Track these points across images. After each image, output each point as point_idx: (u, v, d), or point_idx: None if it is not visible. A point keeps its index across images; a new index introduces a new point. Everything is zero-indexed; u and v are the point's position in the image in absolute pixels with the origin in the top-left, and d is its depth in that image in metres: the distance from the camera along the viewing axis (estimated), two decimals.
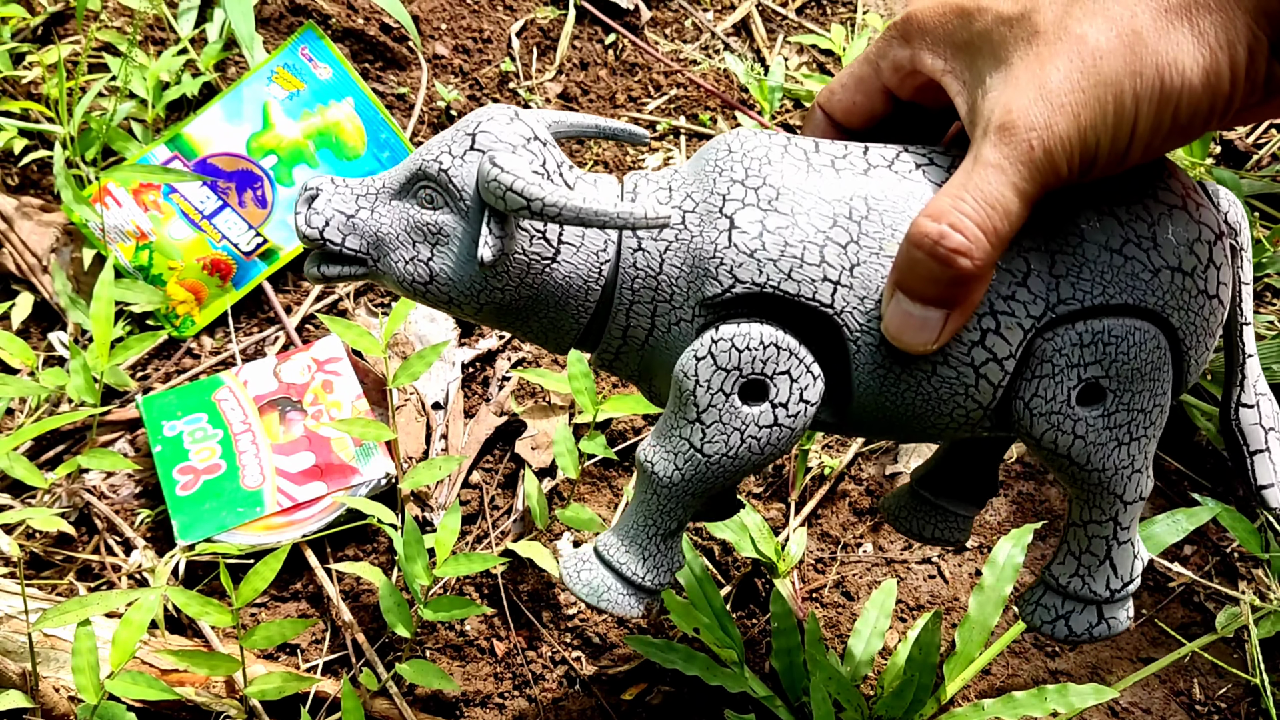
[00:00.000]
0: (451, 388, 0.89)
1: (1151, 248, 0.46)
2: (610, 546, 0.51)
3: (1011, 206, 0.43)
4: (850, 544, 0.84)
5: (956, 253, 0.42)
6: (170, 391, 0.86)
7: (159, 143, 0.95)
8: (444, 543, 0.72)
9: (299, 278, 0.96)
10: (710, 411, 0.47)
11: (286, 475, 0.82)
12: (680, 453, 0.48)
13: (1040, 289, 0.46)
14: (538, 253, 0.47)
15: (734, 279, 0.46)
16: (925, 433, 0.50)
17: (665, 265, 0.48)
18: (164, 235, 0.92)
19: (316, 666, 0.77)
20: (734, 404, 0.47)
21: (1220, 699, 0.76)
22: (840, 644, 0.79)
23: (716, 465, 0.48)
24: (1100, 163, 0.43)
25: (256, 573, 0.68)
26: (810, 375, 0.47)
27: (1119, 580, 0.51)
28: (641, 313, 0.49)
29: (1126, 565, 0.51)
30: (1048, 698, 0.70)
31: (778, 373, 0.47)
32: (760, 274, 0.46)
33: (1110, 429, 0.48)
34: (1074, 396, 0.47)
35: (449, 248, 0.47)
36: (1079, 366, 0.46)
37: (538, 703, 0.77)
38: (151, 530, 0.82)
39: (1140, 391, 0.48)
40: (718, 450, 0.47)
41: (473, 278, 0.47)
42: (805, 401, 0.47)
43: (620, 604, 0.51)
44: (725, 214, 0.47)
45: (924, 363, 0.47)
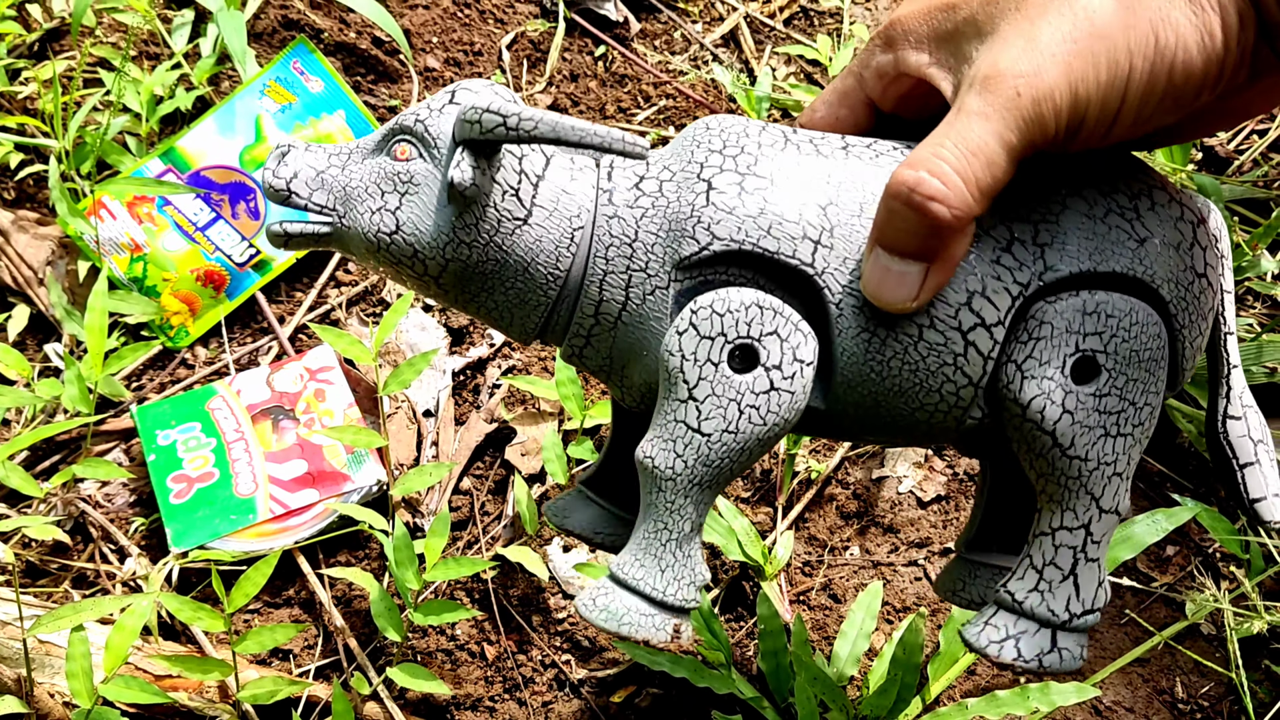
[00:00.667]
0: (442, 395, 0.90)
1: (1135, 218, 0.45)
2: (624, 565, 0.46)
3: (995, 156, 0.41)
4: (837, 547, 0.85)
5: (932, 199, 0.40)
6: (164, 401, 0.87)
7: (153, 156, 0.96)
8: (434, 548, 0.73)
9: (292, 288, 0.97)
10: (702, 386, 0.44)
11: (279, 483, 0.83)
12: (678, 438, 0.45)
13: (1026, 256, 0.45)
14: (509, 210, 0.46)
15: (711, 236, 0.45)
16: (914, 419, 0.47)
17: (641, 232, 0.46)
18: (158, 247, 0.93)
19: (308, 671, 0.78)
20: (725, 373, 0.44)
21: (1202, 697, 0.77)
22: (827, 645, 0.80)
23: (719, 444, 0.44)
24: (1089, 124, 0.41)
25: (248, 578, 0.69)
26: (800, 333, 0.45)
27: (1080, 604, 0.46)
28: (615, 284, 0.46)
29: (1091, 588, 0.46)
30: (1030, 696, 0.71)
31: (765, 334, 0.44)
32: (739, 231, 0.45)
33: (1100, 413, 0.45)
34: (1069, 366, 0.45)
35: (418, 196, 0.45)
36: (1078, 335, 0.45)
37: (528, 706, 0.77)
38: (145, 538, 0.83)
39: (1135, 380, 0.46)
40: (716, 426, 0.44)
41: (440, 229, 0.45)
42: (799, 360, 0.45)
43: (644, 626, 0.46)
44: (703, 179, 0.45)
45: (909, 326, 0.45)
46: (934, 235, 0.41)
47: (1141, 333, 0.45)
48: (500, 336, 0.94)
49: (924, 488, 0.88)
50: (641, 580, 0.46)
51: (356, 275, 0.98)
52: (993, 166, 0.41)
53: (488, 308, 0.48)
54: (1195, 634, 0.80)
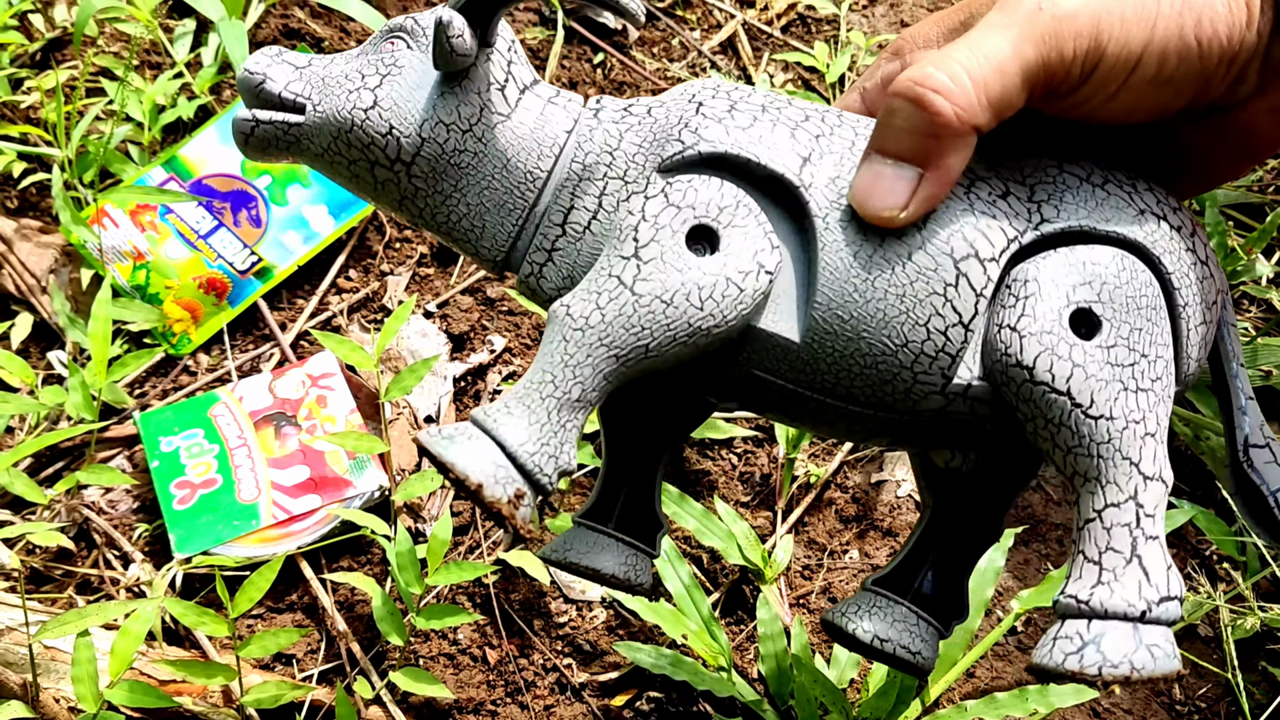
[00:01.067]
0: (443, 401, 0.90)
1: (1133, 193, 0.43)
2: (489, 410, 0.40)
3: (1008, 66, 0.39)
4: (836, 551, 0.86)
5: (937, 92, 0.39)
6: (167, 408, 0.88)
7: (155, 164, 0.97)
8: (435, 552, 0.74)
9: (293, 295, 0.98)
10: (651, 247, 0.40)
11: (282, 489, 0.83)
12: (605, 290, 0.40)
13: (1020, 208, 0.42)
14: (493, 102, 0.43)
15: (698, 138, 0.42)
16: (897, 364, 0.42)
17: (624, 141, 0.43)
18: (160, 255, 0.94)
19: (311, 676, 0.78)
20: (679, 243, 0.41)
21: (1200, 698, 0.77)
22: (827, 649, 0.80)
23: (646, 310, 0.39)
24: (1107, 63, 0.40)
25: (252, 583, 0.69)
26: (769, 243, 0.41)
27: (1153, 590, 0.39)
28: (589, 191, 0.43)
29: (1160, 570, 0.39)
30: (1029, 698, 0.71)
31: (734, 225, 0.41)
32: (727, 136, 0.42)
33: (1113, 365, 0.41)
34: (1066, 318, 0.41)
35: (401, 78, 0.43)
36: (1067, 288, 0.41)
37: (529, 709, 0.78)
38: (149, 544, 0.83)
39: (1139, 329, 0.42)
40: (651, 290, 0.40)
41: (419, 107, 0.43)
42: (760, 264, 0.41)
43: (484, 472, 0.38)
44: (693, 103, 0.43)
45: (899, 245, 0.41)
46: (932, 135, 0.39)
47: (1134, 280, 0.42)
48: (501, 342, 0.95)
49: None
50: (500, 426, 0.39)
51: (358, 283, 0.99)
52: (1004, 76, 0.39)
53: (460, 213, 0.44)
54: (1193, 635, 0.80)
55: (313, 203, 0.97)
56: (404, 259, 1.00)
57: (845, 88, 1.14)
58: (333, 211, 0.97)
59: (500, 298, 0.98)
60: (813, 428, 0.46)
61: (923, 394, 0.42)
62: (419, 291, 0.98)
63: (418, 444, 0.37)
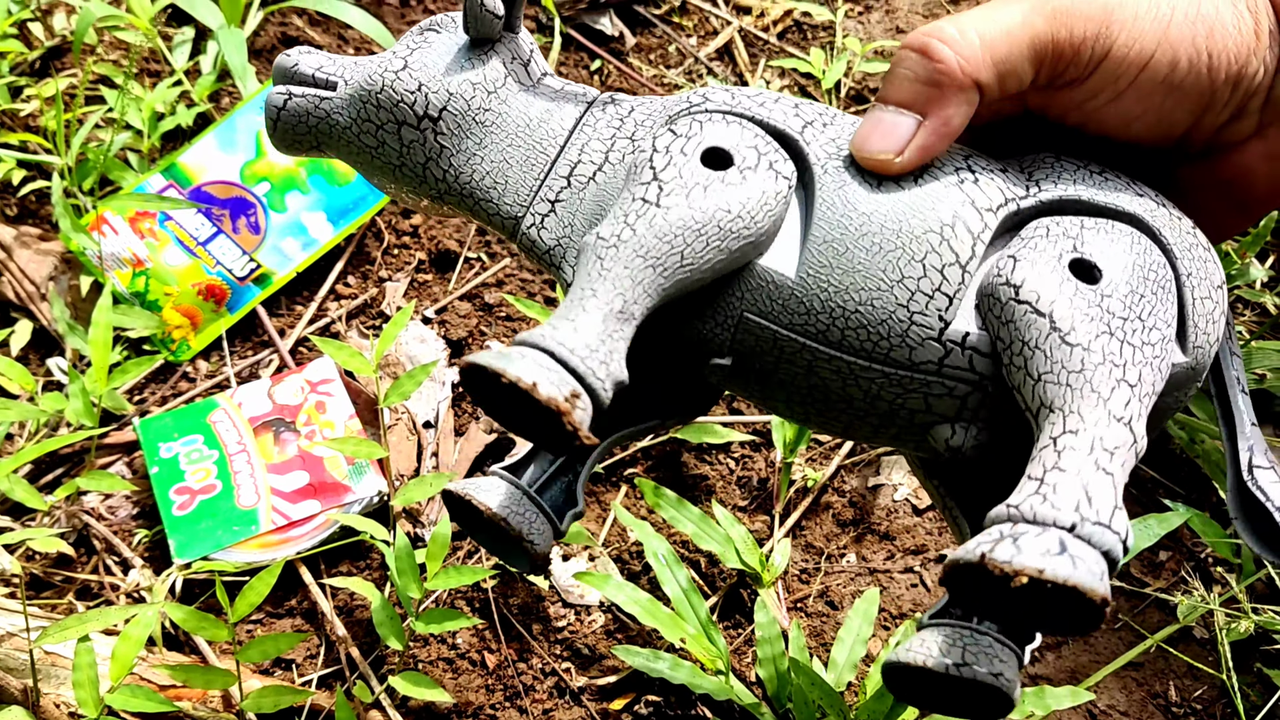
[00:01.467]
0: (442, 406, 0.91)
1: (1132, 182, 0.44)
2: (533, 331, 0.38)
3: (1016, 31, 0.40)
4: (834, 554, 0.86)
5: (942, 41, 0.40)
6: (166, 414, 0.88)
7: (154, 172, 0.97)
8: (435, 556, 0.74)
9: (292, 301, 0.98)
10: (669, 169, 0.41)
11: (281, 494, 0.83)
12: (632, 211, 0.40)
13: (1018, 180, 0.43)
14: (516, 73, 0.46)
15: (705, 99, 0.44)
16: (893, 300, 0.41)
17: (636, 111, 0.45)
18: (160, 262, 0.94)
19: (311, 680, 0.78)
20: (696, 162, 0.42)
21: (1195, 700, 0.78)
22: (825, 652, 0.80)
23: (676, 220, 0.40)
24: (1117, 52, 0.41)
25: (252, 588, 0.69)
26: (780, 155, 0.43)
27: (1093, 511, 0.35)
28: (597, 149, 0.45)
29: (1106, 501, 0.35)
30: (1025, 700, 0.71)
31: (745, 145, 0.42)
32: (733, 99, 0.44)
33: (1104, 310, 0.39)
34: (1066, 260, 0.40)
35: (430, 47, 0.46)
36: (1076, 239, 0.41)
37: (528, 713, 0.78)
38: (149, 550, 0.84)
39: (1141, 295, 0.40)
40: (677, 202, 0.40)
41: (449, 66, 0.45)
42: (776, 170, 0.42)
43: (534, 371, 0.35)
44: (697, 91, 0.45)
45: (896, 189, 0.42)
46: (934, 83, 0.41)
47: (1145, 254, 0.41)
48: (499, 348, 0.95)
49: (920, 495, 0.89)
50: (546, 339, 0.37)
51: (356, 289, 0.99)
52: (1012, 40, 0.40)
53: (483, 170, 0.45)
54: (1188, 638, 0.80)
55: (311, 209, 0.97)
56: (402, 265, 1.00)
57: (841, 94, 1.15)
58: (331, 218, 0.97)
59: (498, 304, 0.98)
60: (806, 405, 0.44)
61: (919, 339, 0.41)
62: (417, 297, 0.98)
63: (461, 367, 0.37)
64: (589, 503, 0.88)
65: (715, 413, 0.93)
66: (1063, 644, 0.81)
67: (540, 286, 1.00)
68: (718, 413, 0.93)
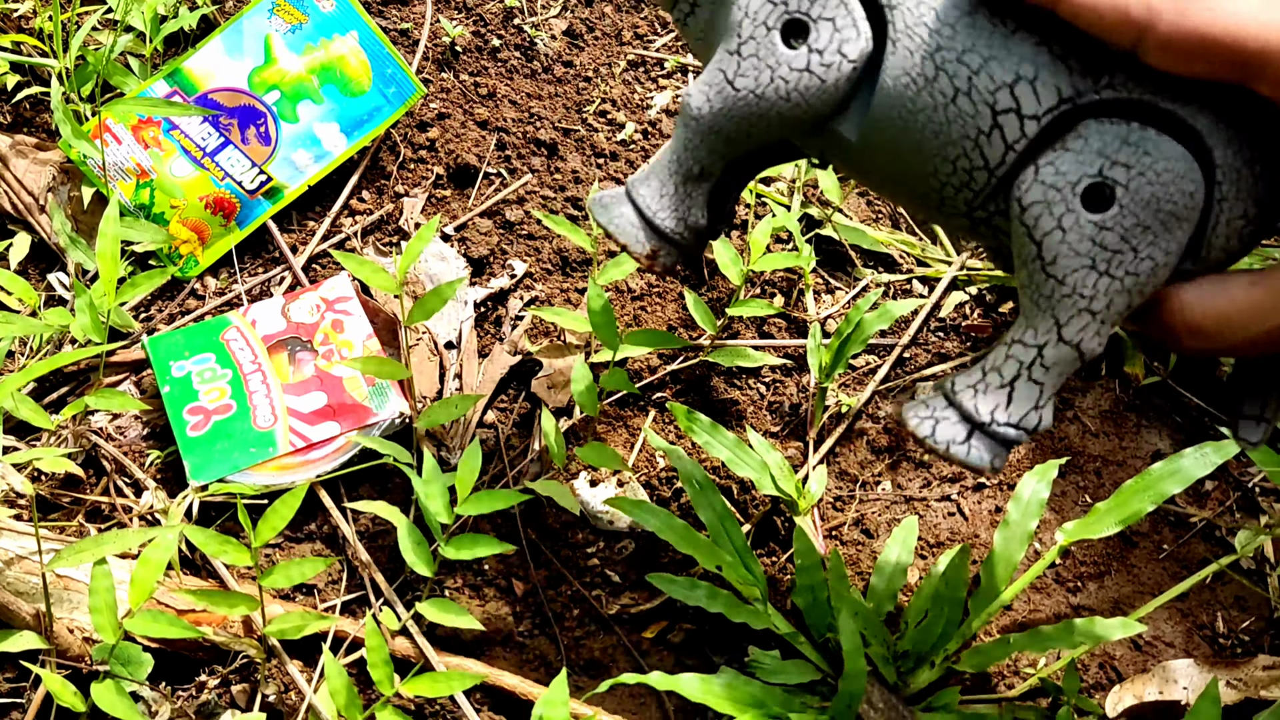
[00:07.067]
0: (465, 327, 0.87)
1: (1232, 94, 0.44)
2: (635, 181, 0.52)
3: None
4: (869, 482, 0.84)
5: None
6: (177, 332, 0.84)
7: (158, 78, 0.92)
8: (465, 481, 0.71)
9: (304, 217, 0.94)
10: (749, 44, 0.48)
11: (299, 415, 0.80)
12: (713, 84, 0.49)
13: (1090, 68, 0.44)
14: None
15: None
16: (928, 184, 0.48)
17: None
18: (165, 173, 0.90)
19: (334, 607, 0.76)
20: (773, 40, 0.47)
21: (1243, 631, 0.76)
22: (861, 581, 0.78)
23: (743, 102, 0.48)
24: None
25: (275, 511, 0.66)
26: (854, 30, 0.47)
27: (1006, 414, 0.47)
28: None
29: (1024, 406, 0.47)
30: (1075, 631, 0.69)
31: (822, 17, 0.47)
32: None
33: (1095, 244, 0.44)
34: (1083, 186, 0.44)
35: None
36: (1105, 159, 0.44)
37: (558, 642, 0.76)
38: (160, 472, 0.80)
39: (1146, 227, 0.44)
40: (747, 85, 0.48)
41: None
42: (842, 54, 0.47)
43: (627, 234, 0.52)
44: None
45: (947, 85, 0.45)
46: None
47: (1172, 182, 0.43)
48: (521, 267, 0.91)
49: None
50: (642, 196, 0.52)
51: (371, 204, 0.95)
52: None
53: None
54: (1235, 567, 0.78)
55: (324, 120, 0.92)
56: (419, 180, 0.96)
57: None
58: (345, 129, 0.93)
59: (520, 221, 0.94)
60: None
61: (950, 213, 0.49)
62: (436, 214, 0.94)
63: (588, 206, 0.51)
64: (616, 426, 0.85)
65: (746, 336, 0.89)
66: (1105, 574, 0.79)
67: (562, 204, 0.96)
68: (748, 336, 0.89)
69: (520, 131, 0.99)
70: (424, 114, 0.99)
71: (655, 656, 0.76)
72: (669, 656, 0.76)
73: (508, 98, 1.01)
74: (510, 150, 0.98)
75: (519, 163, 0.98)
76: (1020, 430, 0.47)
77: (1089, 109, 0.44)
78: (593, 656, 0.75)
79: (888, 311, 0.85)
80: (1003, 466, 0.48)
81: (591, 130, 1.00)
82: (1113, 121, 0.44)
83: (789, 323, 0.91)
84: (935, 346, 0.90)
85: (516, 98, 1.01)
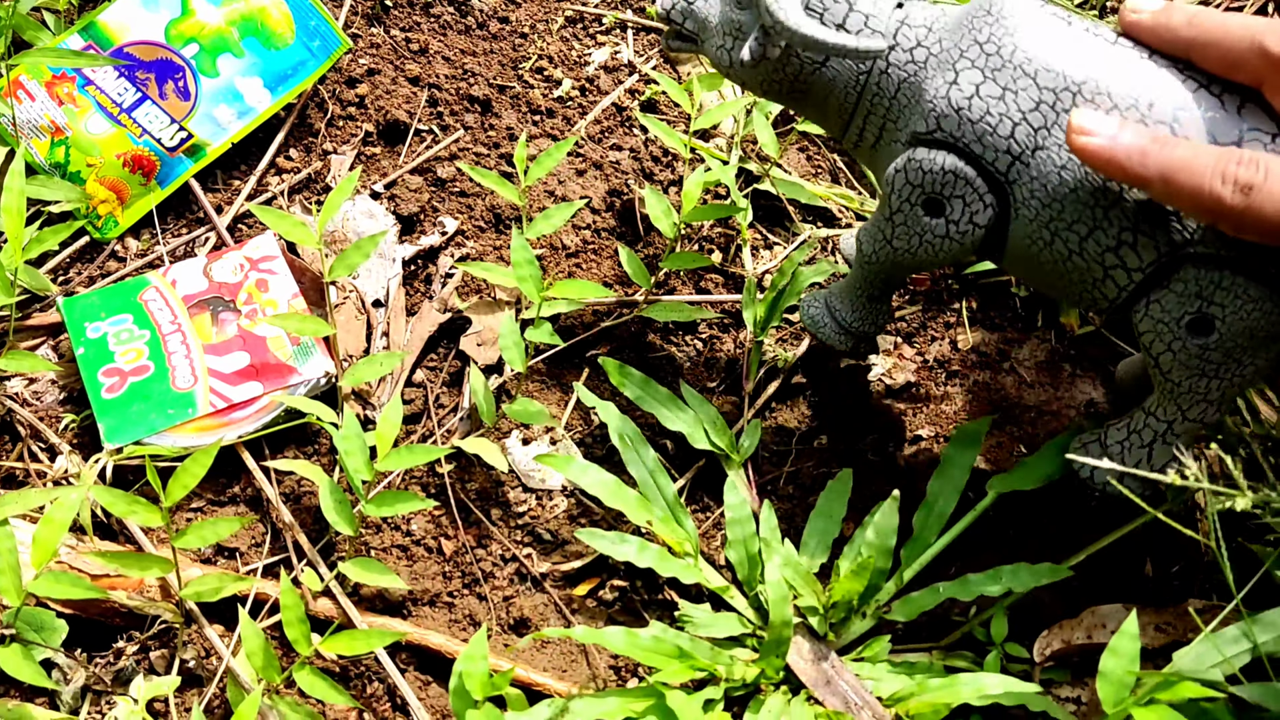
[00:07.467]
0: (392, 284, 0.85)
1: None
2: (832, 296, 0.72)
3: None
4: (805, 435, 0.83)
5: None
6: (93, 293, 0.82)
7: (71, 32, 0.89)
8: (385, 436, 0.70)
9: (229, 175, 0.91)
10: (899, 214, 0.61)
11: (220, 376, 0.78)
12: (877, 239, 0.64)
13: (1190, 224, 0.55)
14: (810, 58, 0.62)
15: (938, 126, 0.58)
16: (1063, 294, 0.61)
17: (899, 93, 0.60)
18: (81, 130, 0.87)
19: (256, 569, 0.74)
20: (917, 213, 0.61)
21: (1174, 576, 0.76)
22: (796, 535, 0.77)
23: (900, 255, 0.63)
24: None
25: (186, 469, 0.65)
26: (982, 203, 0.59)
27: (1149, 466, 0.64)
28: (874, 123, 0.62)
29: (1163, 459, 0.63)
30: (1002, 578, 0.69)
31: (954, 195, 0.59)
32: (959, 129, 0.58)
33: (1203, 360, 0.57)
34: (1186, 320, 0.56)
35: (744, 40, 0.63)
36: (1204, 300, 0.55)
37: (488, 600, 0.75)
38: (77, 436, 0.78)
39: (1245, 348, 0.56)
40: (901, 246, 0.63)
41: (760, 69, 0.63)
42: (974, 224, 0.60)
43: (832, 337, 0.72)
44: (955, 69, 0.58)
45: (1062, 246, 0.58)
46: None
47: (1262, 314, 0.54)
48: (453, 224, 0.89)
49: (893, 375, 0.85)
50: (839, 310, 0.71)
51: (299, 162, 0.93)
52: None
53: (801, 112, 0.67)
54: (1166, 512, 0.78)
55: (246, 74, 0.90)
56: (348, 137, 0.94)
57: None
58: (268, 84, 0.90)
59: (452, 178, 0.92)
60: None
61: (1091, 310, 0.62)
62: (365, 171, 0.92)
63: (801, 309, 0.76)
64: (550, 384, 0.84)
65: (683, 292, 0.88)
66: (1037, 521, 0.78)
67: (496, 161, 0.94)
68: (685, 292, 0.88)
69: (453, 88, 0.97)
70: (353, 70, 0.96)
71: (587, 615, 0.75)
72: (601, 614, 0.75)
73: (440, 54, 0.99)
74: (443, 107, 0.96)
75: (451, 119, 0.96)
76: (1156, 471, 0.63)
77: (1186, 258, 0.55)
78: (522, 615, 0.74)
79: (823, 265, 0.83)
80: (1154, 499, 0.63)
81: (528, 87, 0.98)
82: (1207, 269, 0.55)
83: (726, 278, 0.89)
84: None
85: (450, 54, 0.99)
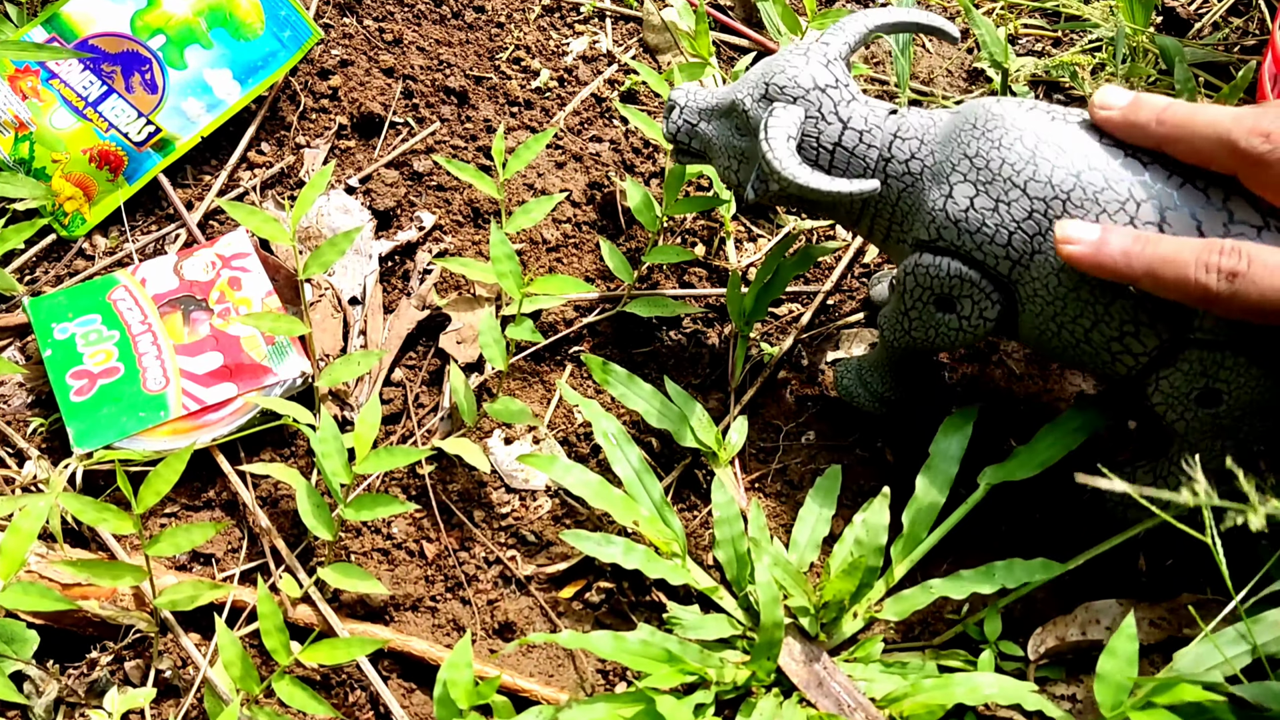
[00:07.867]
0: (369, 281, 0.83)
1: None
2: (865, 368, 0.77)
3: None
4: (793, 432, 0.81)
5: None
6: (60, 293, 0.80)
7: (35, 24, 0.87)
8: (364, 437, 0.68)
9: (199, 171, 0.89)
10: (914, 310, 0.67)
11: (192, 377, 0.76)
12: (897, 328, 0.69)
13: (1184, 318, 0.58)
14: None
15: (939, 235, 0.63)
16: (1080, 368, 0.65)
17: (900, 201, 0.65)
18: (45, 125, 0.84)
19: (233, 576, 0.72)
20: (930, 309, 0.66)
21: (1168, 571, 0.75)
22: (785, 533, 0.76)
23: (919, 344, 0.69)
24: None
25: (158, 474, 0.63)
26: (989, 300, 0.63)
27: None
28: (880, 226, 0.67)
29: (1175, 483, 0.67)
30: (996, 574, 0.68)
31: (962, 295, 0.64)
32: (959, 238, 0.62)
33: (1214, 424, 0.61)
34: (1195, 394, 0.60)
35: (748, 167, 0.69)
36: (1209, 377, 0.59)
37: (472, 605, 0.73)
38: (46, 440, 0.76)
39: (1253, 414, 0.60)
40: (920, 336, 0.68)
41: (765, 193, 0.67)
42: (984, 318, 0.64)
43: (865, 403, 0.77)
44: (950, 182, 0.62)
45: (1069, 335, 0.62)
46: None
47: (1265, 388, 0.58)
48: (430, 219, 0.87)
49: None
50: (871, 382, 0.77)
51: (271, 157, 0.90)
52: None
53: (817, 216, 0.74)
54: None
55: (215, 66, 0.87)
56: (321, 130, 0.91)
57: None
58: (238, 76, 0.88)
59: (429, 172, 0.90)
60: None
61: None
62: (339, 165, 0.90)
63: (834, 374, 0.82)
64: (531, 382, 0.82)
65: (666, 287, 0.86)
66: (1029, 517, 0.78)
67: (474, 154, 0.92)
68: (669, 287, 0.87)
69: (429, 79, 0.95)
70: (325, 61, 0.94)
71: (573, 618, 0.73)
72: (588, 616, 0.73)
73: (415, 44, 0.97)
74: (418, 99, 0.94)
75: (427, 111, 0.94)
76: None
77: (1189, 342, 0.59)
78: (507, 619, 0.73)
79: (808, 255, 0.82)
80: None
81: (505, 78, 0.97)
82: (1209, 350, 0.58)
83: (710, 272, 0.88)
84: (860, 292, 0.87)
85: (424, 44, 0.97)
